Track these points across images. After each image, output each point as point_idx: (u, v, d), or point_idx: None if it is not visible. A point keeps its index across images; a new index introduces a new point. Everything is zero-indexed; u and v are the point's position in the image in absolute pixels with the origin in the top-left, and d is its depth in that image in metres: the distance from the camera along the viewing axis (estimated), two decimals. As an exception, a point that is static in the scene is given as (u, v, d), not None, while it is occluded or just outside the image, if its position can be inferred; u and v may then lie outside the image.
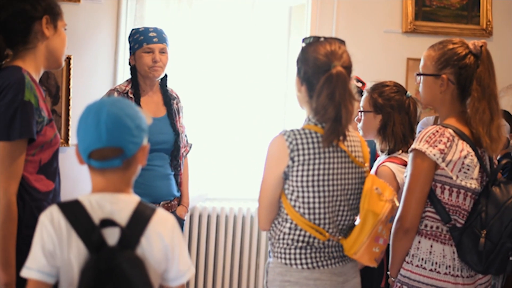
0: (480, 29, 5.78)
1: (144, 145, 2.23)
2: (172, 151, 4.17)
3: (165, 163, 4.14)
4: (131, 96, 4.07)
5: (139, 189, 2.68)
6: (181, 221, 4.22)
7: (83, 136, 2.17)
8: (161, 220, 2.21)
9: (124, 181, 2.23)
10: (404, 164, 3.49)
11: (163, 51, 4.10)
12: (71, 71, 4.83)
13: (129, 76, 4.22)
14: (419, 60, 5.54)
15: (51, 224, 2.12)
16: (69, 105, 4.80)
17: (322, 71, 2.73)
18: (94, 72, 4.94)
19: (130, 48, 4.15)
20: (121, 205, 2.18)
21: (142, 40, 4.08)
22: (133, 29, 4.19)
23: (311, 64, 2.78)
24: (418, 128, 3.96)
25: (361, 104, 3.62)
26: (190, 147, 4.37)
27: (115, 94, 4.03)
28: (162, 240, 2.20)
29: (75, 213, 2.13)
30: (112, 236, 2.12)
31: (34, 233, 2.16)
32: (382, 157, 3.59)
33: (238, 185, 5.47)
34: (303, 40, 2.88)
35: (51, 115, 2.92)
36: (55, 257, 2.11)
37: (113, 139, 2.15)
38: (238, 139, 5.40)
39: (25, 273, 2.12)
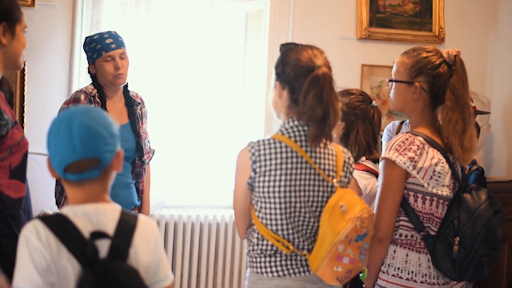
0: (433, 35, 5.86)
1: (118, 151, 2.19)
2: (134, 158, 4.09)
3: (126, 172, 4.06)
4: (98, 100, 3.96)
5: None
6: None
7: (56, 150, 2.10)
8: (145, 227, 2.20)
9: (103, 190, 2.18)
10: (367, 170, 3.50)
11: (122, 56, 3.99)
12: (25, 77, 4.73)
13: (88, 81, 4.14)
14: (374, 66, 5.71)
15: (38, 241, 2.03)
16: (23, 111, 4.70)
17: (305, 73, 2.72)
18: (49, 78, 4.85)
19: (88, 58, 4.02)
20: (108, 215, 2.14)
21: (100, 49, 3.95)
22: (87, 38, 4.04)
23: (293, 67, 2.76)
24: (384, 133, 3.98)
25: None
26: (153, 153, 4.28)
27: (82, 96, 3.92)
28: (149, 246, 2.18)
29: (62, 227, 2.06)
30: (101, 247, 2.07)
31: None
32: None
33: (195, 193, 5.43)
34: (282, 46, 2.86)
35: (15, 118, 2.84)
36: (50, 274, 2.03)
37: (88, 150, 2.09)
38: (195, 145, 5.36)
39: None
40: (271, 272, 2.76)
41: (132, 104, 4.11)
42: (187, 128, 5.28)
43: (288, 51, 2.82)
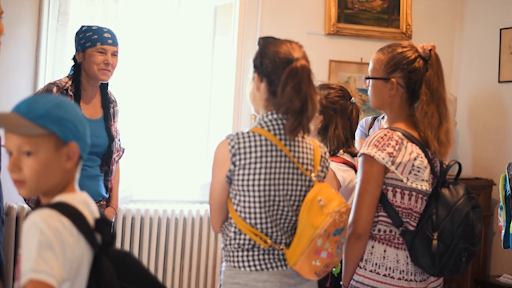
0: (400, 32, 5.90)
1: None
2: (103, 155, 4.06)
3: (94, 165, 4.02)
4: (71, 94, 3.92)
5: None
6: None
7: (85, 132, 2.13)
8: None
9: None
10: (344, 163, 3.50)
11: (115, 54, 4.00)
12: (-10, 68, 4.63)
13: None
14: (342, 62, 5.73)
15: (64, 228, 1.98)
16: (-13, 100, 4.60)
17: (284, 65, 2.71)
18: (15, 67, 4.77)
19: (79, 45, 3.98)
20: (91, 204, 2.16)
21: (95, 40, 3.94)
22: (83, 26, 4.04)
23: (271, 59, 2.75)
24: (357, 129, 3.99)
25: None
26: (123, 152, 4.27)
27: (55, 88, 3.88)
28: None
29: (76, 215, 2.03)
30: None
31: None
32: None
33: (162, 187, 5.39)
34: (261, 39, 2.85)
35: None
36: (73, 265, 2.00)
37: None
38: (162, 139, 5.30)
39: (37, 276, 1.93)
40: (249, 266, 2.74)
41: (108, 103, 4.10)
42: (155, 122, 5.22)
43: (267, 44, 2.81)
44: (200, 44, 5.46)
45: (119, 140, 4.18)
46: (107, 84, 4.09)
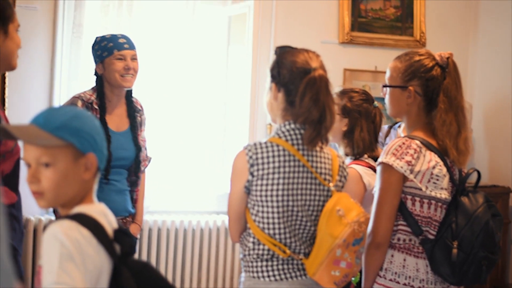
0: (414, 40, 5.89)
1: None
2: (131, 167, 3.95)
3: (122, 178, 3.92)
4: (96, 107, 3.81)
5: None
6: (134, 240, 3.95)
7: (102, 144, 2.12)
8: None
9: None
10: (370, 167, 3.49)
11: (134, 58, 3.88)
12: (6, 80, 4.65)
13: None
14: (356, 70, 5.71)
15: (84, 239, 1.98)
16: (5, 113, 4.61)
17: (301, 75, 2.71)
18: (30, 81, 4.78)
19: (97, 57, 3.87)
20: (110, 215, 2.16)
21: (111, 47, 3.83)
22: (97, 37, 3.92)
23: (289, 69, 2.74)
24: None
25: None
26: (149, 161, 4.15)
27: (79, 102, 3.78)
28: None
29: (96, 227, 2.03)
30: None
31: None
32: (346, 161, 3.56)
33: (179, 198, 5.39)
34: (278, 48, 2.84)
35: (8, 123, 2.78)
36: (93, 276, 2.00)
37: None
38: (178, 150, 5.30)
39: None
40: (268, 276, 2.74)
41: (134, 112, 3.99)
42: (171, 133, 5.23)
43: (284, 53, 2.81)
44: (215, 54, 5.48)
45: (145, 149, 4.06)
46: (131, 92, 3.98)
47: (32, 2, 4.79)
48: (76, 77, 4.84)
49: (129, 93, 3.98)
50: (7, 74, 4.61)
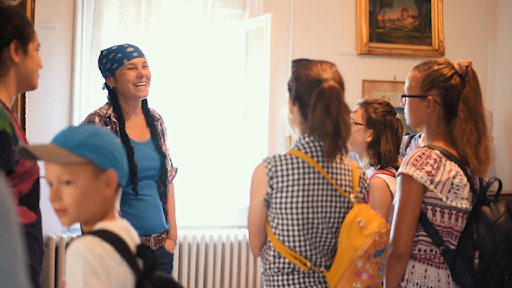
0: (433, 49, 5.87)
1: None
2: (159, 176, 3.85)
3: (153, 192, 3.83)
4: (114, 120, 3.73)
5: (131, 221, 2.52)
6: (170, 256, 3.93)
7: (122, 160, 2.15)
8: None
9: None
10: (395, 176, 3.48)
11: (145, 65, 3.79)
12: (26, 99, 4.68)
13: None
14: (375, 81, 5.71)
15: (107, 255, 2.00)
16: (24, 134, 4.64)
17: (313, 87, 2.70)
18: (50, 99, 4.82)
19: (106, 70, 3.77)
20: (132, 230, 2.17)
21: (121, 58, 3.73)
22: (103, 50, 3.83)
23: (302, 81, 2.75)
24: None
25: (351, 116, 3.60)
26: (176, 172, 4.05)
27: (97, 118, 3.71)
28: None
29: (117, 242, 2.04)
30: None
31: None
32: (370, 171, 3.55)
33: (200, 213, 5.40)
34: (294, 62, 2.85)
35: (28, 143, 2.79)
36: None
37: None
38: (198, 165, 5.30)
39: None
40: None
41: (153, 121, 3.90)
42: (191, 147, 5.24)
43: (299, 66, 2.81)
44: (233, 69, 5.49)
45: (170, 159, 4.00)
46: (146, 102, 3.90)
47: (51, 21, 4.83)
48: (96, 95, 4.86)
49: (144, 103, 3.89)
50: (27, 93, 4.65)
